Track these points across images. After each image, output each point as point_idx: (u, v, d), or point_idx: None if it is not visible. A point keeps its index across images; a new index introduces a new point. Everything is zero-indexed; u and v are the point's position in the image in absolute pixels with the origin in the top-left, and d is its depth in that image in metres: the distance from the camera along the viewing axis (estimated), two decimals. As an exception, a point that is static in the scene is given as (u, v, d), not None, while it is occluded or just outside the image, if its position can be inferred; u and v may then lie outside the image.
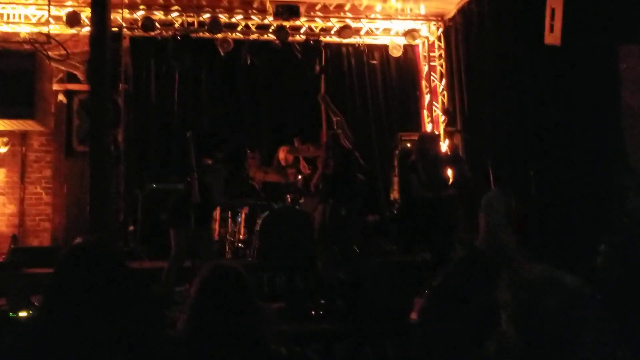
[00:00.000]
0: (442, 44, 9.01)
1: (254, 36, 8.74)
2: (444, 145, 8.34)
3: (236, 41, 8.61)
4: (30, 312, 4.92)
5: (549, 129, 6.44)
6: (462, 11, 8.27)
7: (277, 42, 8.52)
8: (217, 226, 7.19)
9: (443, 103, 9.04)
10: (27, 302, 5.17)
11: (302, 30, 8.76)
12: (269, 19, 8.44)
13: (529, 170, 6.34)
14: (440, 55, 9.14)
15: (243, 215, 7.10)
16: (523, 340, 1.69)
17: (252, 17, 8.51)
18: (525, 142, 6.73)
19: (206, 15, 8.30)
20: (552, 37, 5.37)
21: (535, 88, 6.60)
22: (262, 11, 8.42)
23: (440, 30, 9.01)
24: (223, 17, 8.34)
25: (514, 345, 1.69)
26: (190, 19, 8.35)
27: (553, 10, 5.24)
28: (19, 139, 8.15)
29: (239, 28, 8.62)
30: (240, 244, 7.05)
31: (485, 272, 2.25)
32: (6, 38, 8.16)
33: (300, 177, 7.26)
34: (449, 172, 6.62)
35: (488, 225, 3.12)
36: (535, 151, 6.51)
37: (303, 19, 8.50)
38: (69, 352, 1.87)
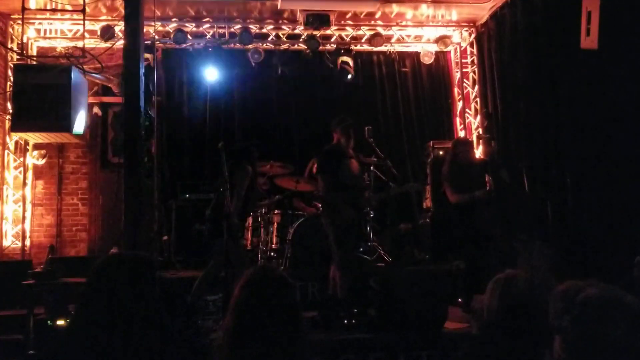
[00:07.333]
0: (475, 50, 8.91)
1: (285, 46, 8.78)
2: (478, 152, 8.22)
3: (267, 51, 8.67)
4: (68, 320, 5.00)
5: (586, 135, 6.28)
6: (494, 17, 8.15)
7: (308, 51, 8.54)
8: (249, 235, 7.21)
9: (476, 110, 8.92)
10: (64, 311, 5.25)
11: (332, 39, 8.77)
12: (300, 29, 8.47)
13: (565, 177, 6.20)
14: (472, 62, 9.04)
15: (275, 224, 7.10)
16: None
17: (283, 27, 8.56)
18: (562, 149, 6.58)
19: (237, 26, 8.38)
20: (589, 41, 5.20)
21: (571, 94, 6.44)
22: (293, 21, 8.46)
23: (473, 36, 8.92)
24: (254, 28, 8.41)
25: None
26: (221, 30, 8.45)
27: (589, 13, 5.09)
28: (56, 151, 8.32)
29: (270, 38, 8.67)
30: (272, 253, 7.04)
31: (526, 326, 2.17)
32: (43, 53, 8.38)
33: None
34: (486, 179, 6.49)
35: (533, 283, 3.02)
36: (572, 158, 6.36)
37: (333, 27, 8.51)
38: (103, 359, 1.88)
